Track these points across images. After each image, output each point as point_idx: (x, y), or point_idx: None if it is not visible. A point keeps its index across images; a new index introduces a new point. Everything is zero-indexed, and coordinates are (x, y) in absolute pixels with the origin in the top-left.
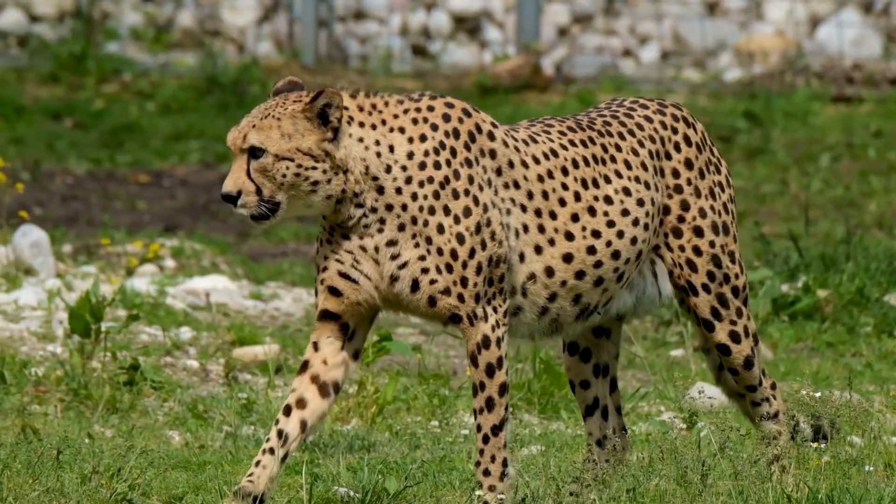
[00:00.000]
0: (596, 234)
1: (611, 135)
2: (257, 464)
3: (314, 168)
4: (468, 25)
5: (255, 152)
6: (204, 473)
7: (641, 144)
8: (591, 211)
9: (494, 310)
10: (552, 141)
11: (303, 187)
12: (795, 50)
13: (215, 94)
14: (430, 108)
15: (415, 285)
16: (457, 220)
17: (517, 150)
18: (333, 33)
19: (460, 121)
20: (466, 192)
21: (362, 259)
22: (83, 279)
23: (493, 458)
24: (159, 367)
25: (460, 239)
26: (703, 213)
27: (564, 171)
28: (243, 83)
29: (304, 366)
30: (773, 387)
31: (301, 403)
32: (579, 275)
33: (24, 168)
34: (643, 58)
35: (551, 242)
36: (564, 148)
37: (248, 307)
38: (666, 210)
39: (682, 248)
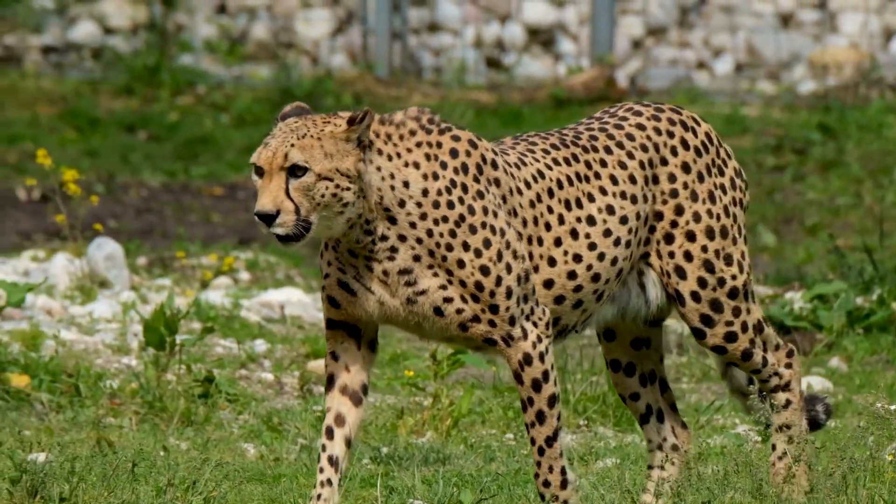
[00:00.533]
0: (577, 258)
1: (596, 150)
2: (318, 497)
3: (348, 189)
4: (542, 38)
5: (295, 171)
6: (279, 486)
7: (630, 156)
8: (574, 234)
9: (535, 324)
10: (537, 161)
11: (335, 208)
12: (869, 62)
13: None
14: (439, 145)
15: (438, 311)
16: (478, 254)
17: (513, 176)
18: (407, 45)
19: (468, 154)
20: (483, 225)
21: (366, 275)
22: (158, 292)
23: (550, 469)
24: (234, 379)
25: (484, 271)
26: (697, 218)
27: (550, 193)
28: (317, 95)
29: (331, 380)
30: (790, 354)
31: (340, 420)
32: (559, 300)
33: (99, 181)
34: (717, 70)
35: (536, 269)
36: (549, 168)
37: (322, 319)
38: (659, 216)
39: (671, 255)
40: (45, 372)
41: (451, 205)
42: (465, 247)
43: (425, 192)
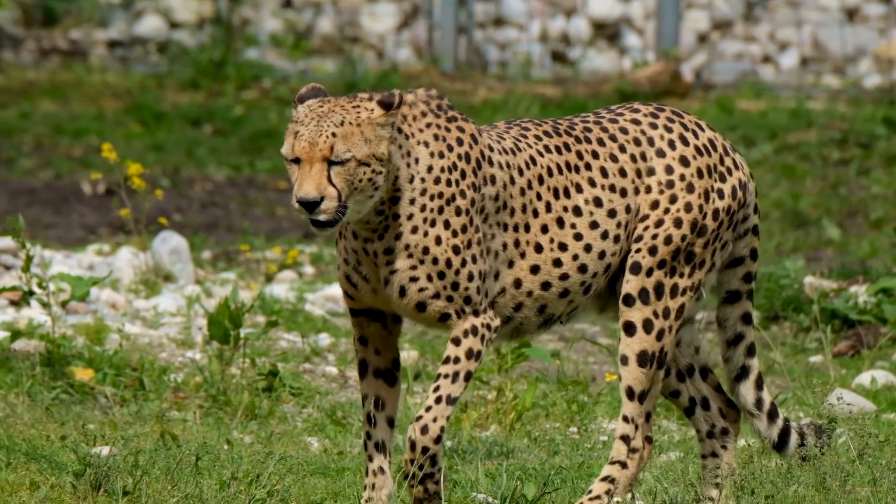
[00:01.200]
0: (563, 246)
1: (589, 141)
2: (373, 487)
3: (380, 173)
4: (608, 32)
5: (334, 161)
6: (342, 480)
7: (622, 149)
8: (560, 222)
9: (486, 317)
10: (530, 147)
11: (368, 192)
12: None
13: None
14: (447, 129)
15: (402, 291)
16: (454, 234)
17: (508, 165)
18: (473, 40)
19: (470, 146)
20: (467, 212)
21: (364, 261)
22: (222, 286)
23: (434, 419)
24: (298, 373)
25: (456, 250)
26: (689, 208)
27: (540, 180)
28: (382, 90)
29: (363, 365)
30: (648, 418)
31: (379, 404)
32: (545, 286)
33: (164, 175)
34: (782, 64)
35: (522, 255)
36: (541, 154)
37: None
38: (655, 205)
39: (655, 237)
40: (109, 366)
41: (448, 183)
42: (447, 225)
43: (430, 169)
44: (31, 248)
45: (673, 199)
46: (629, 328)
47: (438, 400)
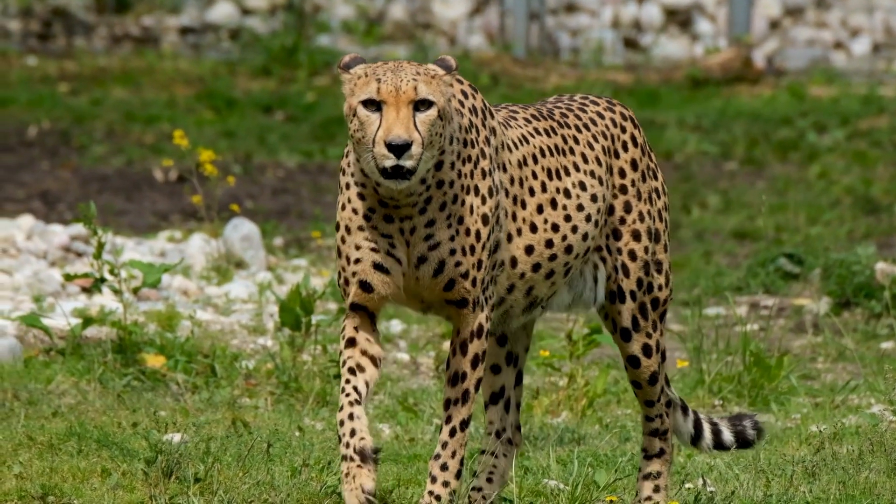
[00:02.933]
0: (555, 227)
1: (568, 126)
2: (358, 418)
3: (443, 131)
4: (679, 18)
5: (420, 105)
6: (414, 467)
7: (595, 139)
8: (553, 203)
9: (487, 301)
10: (521, 127)
11: (436, 148)
12: None
13: None
14: (451, 85)
15: (440, 268)
16: (483, 201)
17: (504, 132)
18: (545, 26)
19: (474, 97)
20: (491, 172)
21: (398, 244)
22: (294, 272)
23: (453, 454)
24: None
25: (485, 220)
26: (641, 217)
27: (535, 159)
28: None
29: (352, 342)
30: (669, 404)
31: (360, 368)
32: (536, 267)
33: (236, 161)
34: (854, 50)
35: (519, 232)
36: (532, 136)
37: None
38: (610, 210)
39: (619, 251)
40: (181, 353)
41: (473, 143)
42: (476, 191)
43: (460, 128)
44: (103, 235)
45: (628, 208)
46: (633, 361)
47: (453, 432)
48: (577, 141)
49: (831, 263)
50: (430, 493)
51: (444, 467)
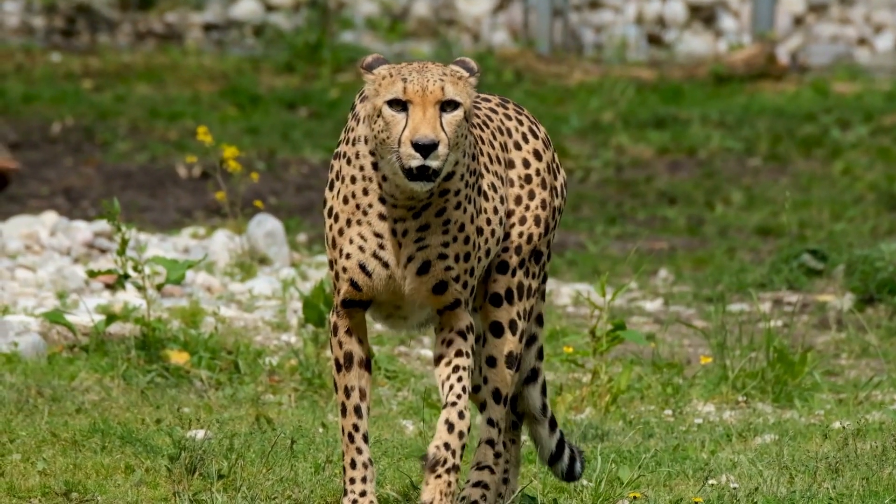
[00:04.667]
0: (479, 231)
1: (486, 126)
2: (364, 480)
3: (468, 136)
4: (703, 14)
5: (447, 106)
6: None
7: (494, 137)
8: (486, 204)
9: (468, 303)
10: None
11: (460, 150)
12: None
13: None
14: (475, 87)
15: (425, 268)
16: (477, 213)
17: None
18: (568, 22)
19: (469, 95)
20: (486, 169)
21: (389, 244)
22: (317, 269)
23: (455, 453)
24: (393, 356)
25: (479, 231)
26: (544, 206)
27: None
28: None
29: (349, 358)
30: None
31: (363, 395)
32: (472, 271)
33: (260, 158)
34: (878, 46)
35: (479, 232)
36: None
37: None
38: (518, 200)
39: (520, 234)
40: (204, 349)
41: (474, 157)
42: (475, 201)
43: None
44: (127, 232)
45: (531, 196)
46: (497, 329)
47: (464, 389)
48: (481, 140)
49: (855, 260)
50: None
51: (476, 466)
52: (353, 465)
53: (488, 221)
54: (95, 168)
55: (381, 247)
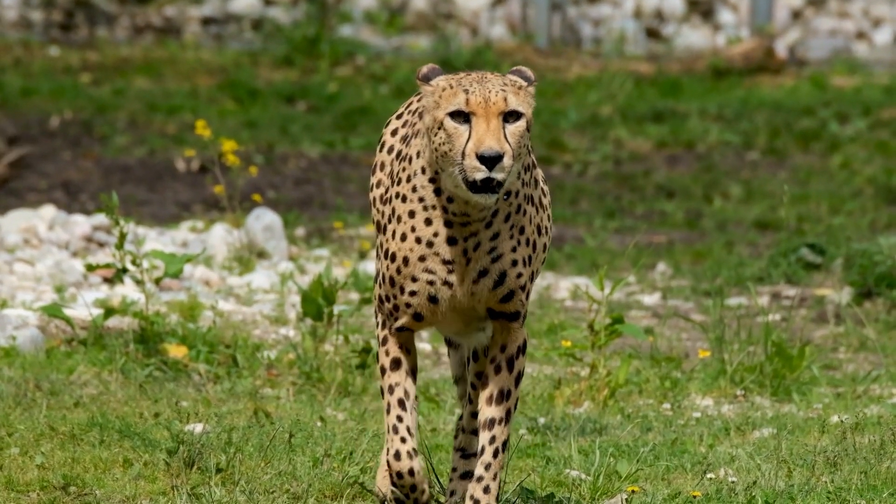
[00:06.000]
0: (539, 230)
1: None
2: (412, 473)
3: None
4: (702, 8)
5: (508, 117)
6: (435, 457)
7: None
8: None
9: (525, 317)
10: None
11: (522, 161)
12: None
13: None
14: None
15: (501, 280)
16: (537, 210)
17: None
18: (567, 16)
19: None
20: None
21: (457, 267)
22: (316, 262)
23: (495, 476)
24: None
25: (539, 230)
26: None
27: None
28: (476, 66)
29: (397, 363)
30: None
31: (409, 396)
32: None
33: (258, 151)
34: (876, 40)
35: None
36: None
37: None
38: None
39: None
40: (202, 343)
41: (530, 150)
42: (532, 200)
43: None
44: (125, 226)
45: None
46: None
47: (496, 453)
48: None
49: (853, 253)
50: None
51: (486, 490)
52: (398, 455)
53: (548, 217)
54: (94, 162)
55: (451, 272)
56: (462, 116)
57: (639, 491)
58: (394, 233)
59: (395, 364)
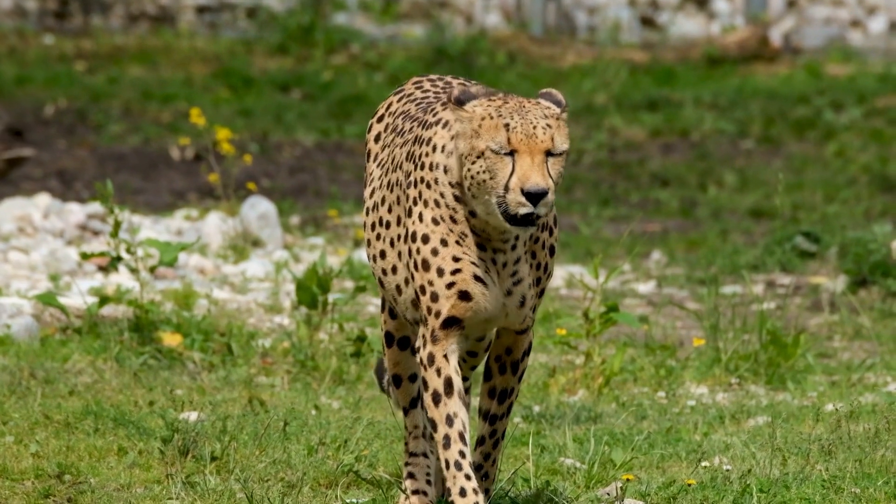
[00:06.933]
0: (552, 250)
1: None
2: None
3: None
4: None
5: (552, 151)
6: None
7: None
8: None
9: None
10: None
11: (557, 188)
12: None
13: (443, 65)
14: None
15: (523, 302)
16: (555, 228)
17: None
18: (562, 4)
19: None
20: None
21: (491, 269)
22: (310, 251)
23: (494, 462)
24: None
25: (552, 251)
26: None
27: None
28: (471, 54)
29: (450, 384)
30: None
31: (465, 425)
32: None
33: (253, 140)
34: (871, 28)
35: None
36: None
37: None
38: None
39: None
40: (197, 331)
41: None
42: (545, 225)
43: None
44: (120, 214)
45: None
46: None
47: (496, 444)
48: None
49: (848, 242)
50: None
51: (486, 476)
52: (463, 493)
53: (556, 239)
54: (89, 150)
55: (487, 271)
56: (504, 150)
57: (633, 479)
58: (419, 216)
59: (449, 387)
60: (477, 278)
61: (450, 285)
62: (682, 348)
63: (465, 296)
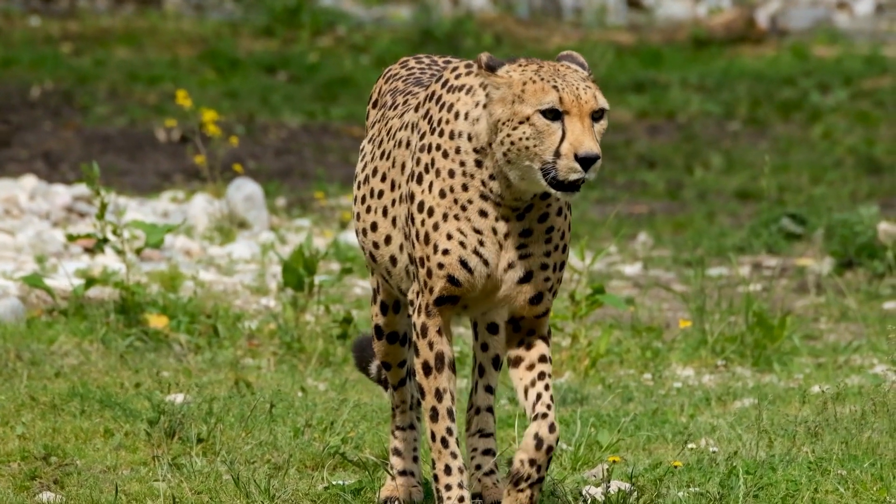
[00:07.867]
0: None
1: None
2: (461, 486)
3: None
4: None
5: (596, 114)
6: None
7: None
8: None
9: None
10: None
11: None
12: None
13: (429, 47)
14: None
15: (527, 277)
16: (568, 214)
17: None
18: None
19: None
20: None
21: (488, 242)
22: (297, 233)
23: (555, 417)
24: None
25: (565, 237)
26: None
27: None
28: (457, 36)
29: (441, 359)
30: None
31: (454, 398)
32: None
33: (239, 122)
34: (857, 10)
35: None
36: None
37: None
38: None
39: None
40: (183, 313)
41: None
42: (560, 212)
43: None
44: (106, 196)
45: None
46: None
47: (552, 397)
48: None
49: (834, 224)
50: (530, 462)
51: (552, 428)
52: (448, 470)
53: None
54: (74, 132)
55: (482, 244)
56: (553, 114)
57: (620, 461)
58: (430, 185)
59: (440, 361)
60: (464, 262)
61: (440, 266)
62: (669, 330)
63: (453, 280)
